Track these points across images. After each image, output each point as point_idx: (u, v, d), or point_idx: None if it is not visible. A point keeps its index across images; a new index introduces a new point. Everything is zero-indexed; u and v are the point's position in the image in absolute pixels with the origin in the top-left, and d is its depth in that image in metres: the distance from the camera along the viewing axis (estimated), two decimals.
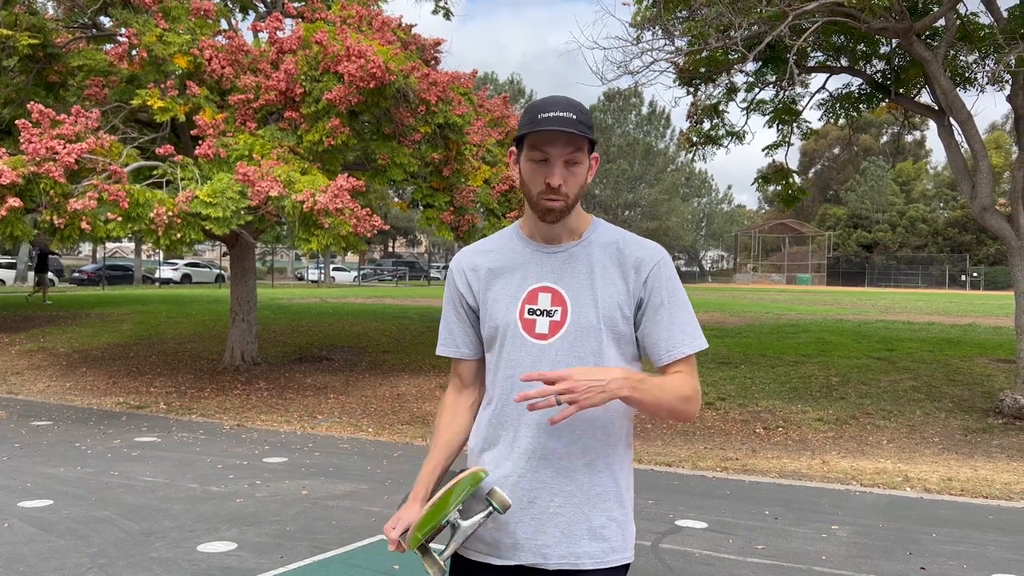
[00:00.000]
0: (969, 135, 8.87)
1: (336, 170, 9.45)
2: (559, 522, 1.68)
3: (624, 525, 1.73)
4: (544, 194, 1.67)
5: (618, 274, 1.72)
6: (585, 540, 1.68)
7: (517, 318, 1.72)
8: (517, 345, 1.72)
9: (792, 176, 11.91)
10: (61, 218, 7.92)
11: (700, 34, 9.09)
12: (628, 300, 1.71)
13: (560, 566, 1.68)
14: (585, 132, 1.63)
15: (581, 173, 1.69)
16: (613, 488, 1.73)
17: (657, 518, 5.31)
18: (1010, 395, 8.55)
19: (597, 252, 1.74)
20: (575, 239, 1.75)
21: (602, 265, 1.73)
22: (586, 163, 1.70)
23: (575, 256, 1.74)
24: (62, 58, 10.23)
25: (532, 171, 1.67)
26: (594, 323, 1.69)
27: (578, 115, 1.63)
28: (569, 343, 1.69)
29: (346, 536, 4.79)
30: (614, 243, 1.75)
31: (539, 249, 1.76)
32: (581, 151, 1.66)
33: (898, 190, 62.19)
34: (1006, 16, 8.57)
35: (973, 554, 4.68)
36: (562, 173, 1.65)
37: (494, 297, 1.76)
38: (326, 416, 9.17)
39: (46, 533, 4.75)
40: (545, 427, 1.68)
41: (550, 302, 1.71)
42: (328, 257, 44.20)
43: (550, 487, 1.68)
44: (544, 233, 1.75)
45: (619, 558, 1.71)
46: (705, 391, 9.83)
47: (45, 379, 11.32)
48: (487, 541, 1.72)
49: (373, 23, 10.13)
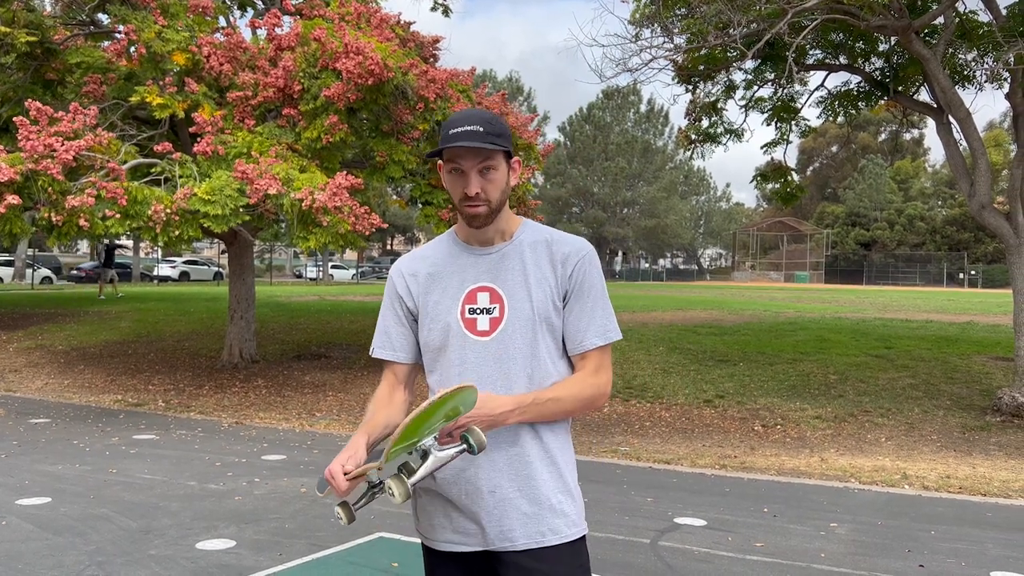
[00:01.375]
0: (968, 133, 8.87)
1: (335, 167, 9.44)
2: (520, 505, 1.79)
3: (577, 499, 1.87)
4: (463, 202, 1.79)
5: (549, 269, 1.84)
6: (547, 518, 1.80)
7: (459, 317, 1.84)
8: (461, 343, 1.83)
9: (790, 174, 11.91)
10: (59, 215, 7.90)
11: (699, 32, 9.08)
12: (558, 292, 1.84)
13: (527, 546, 1.79)
14: (491, 143, 1.73)
15: (499, 179, 1.79)
16: (563, 467, 1.85)
17: (656, 516, 5.31)
18: (1008, 393, 8.56)
19: (528, 251, 1.86)
20: (507, 240, 1.88)
21: (534, 262, 1.85)
22: (503, 168, 1.80)
23: (507, 256, 1.86)
24: (60, 55, 10.21)
25: (451, 182, 1.81)
26: (530, 317, 1.81)
27: (485, 127, 1.74)
28: (508, 337, 1.81)
29: (344, 534, 4.79)
30: (543, 241, 1.87)
31: (474, 252, 1.88)
32: (493, 159, 1.77)
33: (896, 188, 62.24)
34: (1005, 14, 8.57)
35: (971, 551, 4.69)
36: (478, 181, 1.77)
37: (435, 300, 1.87)
38: (324, 414, 9.17)
39: (44, 531, 4.74)
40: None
41: (488, 300, 1.84)
42: (327, 255, 44.20)
43: (506, 474, 1.79)
44: (477, 236, 1.87)
45: (578, 531, 1.84)
46: (704, 388, 9.83)
47: (43, 377, 11.30)
48: (456, 531, 1.82)
49: (371, 20, 10.12)
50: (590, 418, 8.82)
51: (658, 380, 10.30)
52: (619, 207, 62.74)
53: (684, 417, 8.95)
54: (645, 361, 11.16)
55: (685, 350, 11.90)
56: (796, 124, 11.39)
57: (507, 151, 1.79)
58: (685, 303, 22.74)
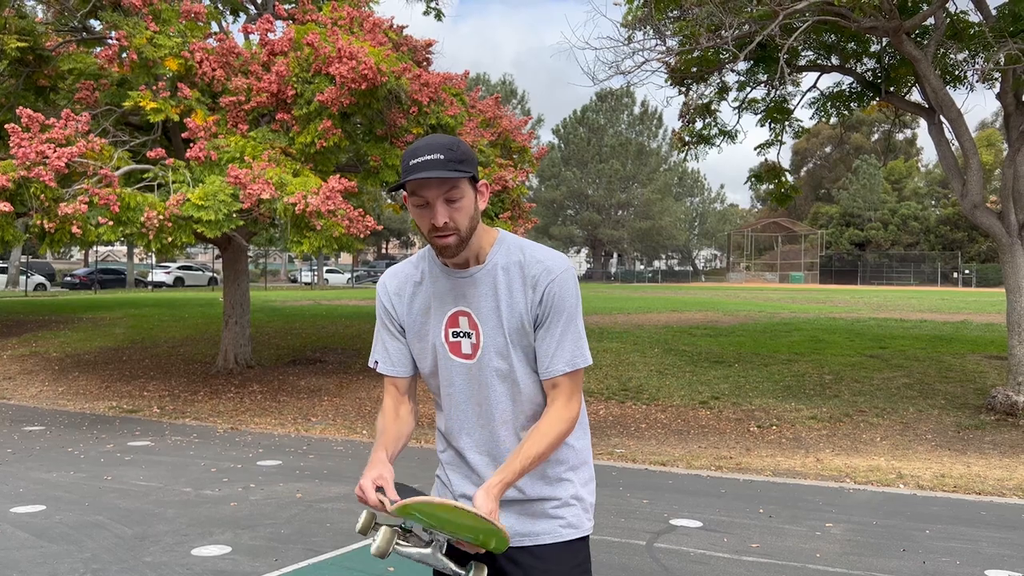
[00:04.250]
0: (959, 133, 8.90)
1: (328, 172, 9.44)
2: (514, 506, 1.82)
3: (584, 499, 1.87)
4: (432, 233, 1.74)
5: (520, 293, 1.80)
6: (548, 515, 1.82)
7: (443, 340, 1.84)
8: (447, 365, 1.85)
9: (784, 175, 11.93)
10: (52, 222, 7.88)
11: (691, 34, 9.10)
12: (528, 318, 1.79)
13: (521, 543, 1.81)
14: (454, 170, 1.67)
15: (466, 205, 1.73)
16: (569, 465, 1.86)
17: (652, 517, 5.31)
18: (1002, 391, 8.59)
19: (501, 275, 1.81)
20: (480, 263, 1.82)
21: (506, 286, 1.80)
22: (470, 194, 1.74)
23: (479, 281, 1.81)
24: (52, 61, 10.19)
25: (418, 215, 1.75)
26: (503, 344, 1.80)
27: (447, 154, 1.68)
28: (488, 362, 1.81)
29: (340, 539, 4.78)
30: (516, 263, 1.81)
31: (451, 274, 1.84)
32: (458, 187, 1.71)
33: (890, 188, 62.41)
34: (995, 14, 8.60)
35: (967, 550, 4.70)
36: (444, 211, 1.71)
37: (421, 320, 1.87)
38: (320, 419, 9.15)
39: (39, 539, 4.72)
40: (491, 426, 1.84)
41: (468, 324, 1.82)
42: (321, 259, 44.13)
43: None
44: (453, 261, 1.82)
45: (578, 531, 1.84)
46: (699, 390, 9.84)
47: (37, 384, 11.26)
48: None
49: (364, 24, 10.12)
50: None
51: (654, 382, 10.31)
52: (614, 209, 62.77)
53: (680, 418, 8.96)
54: (640, 363, 11.16)
55: (680, 351, 11.91)
56: (789, 125, 11.41)
57: (472, 176, 1.73)
58: (680, 304, 22.76)
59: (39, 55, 10.13)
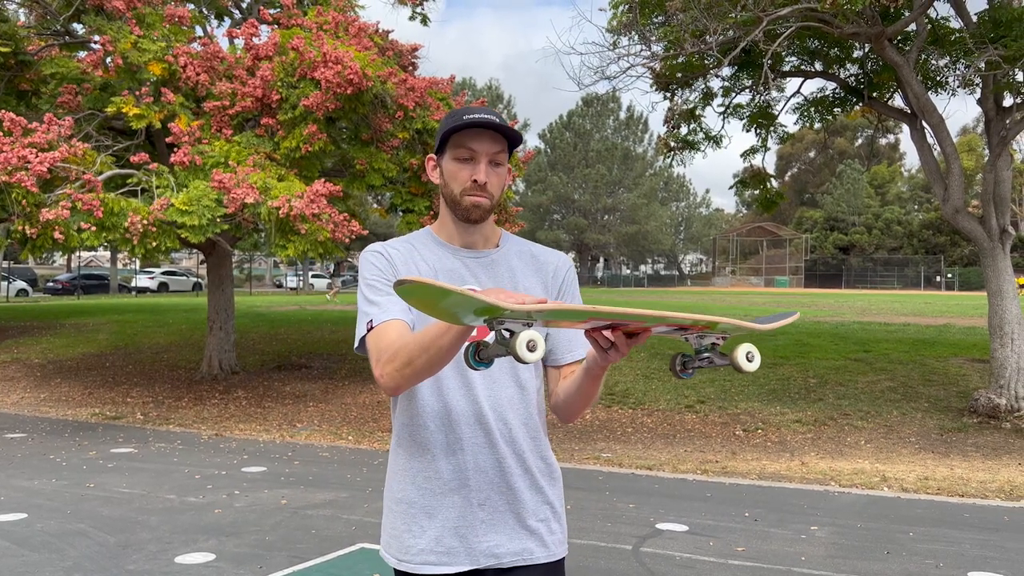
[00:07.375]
0: (941, 138, 8.99)
1: (314, 176, 9.40)
2: (507, 519, 1.74)
3: (560, 516, 1.84)
4: (469, 191, 1.70)
5: (536, 279, 1.82)
6: (534, 535, 1.75)
7: None
8: None
9: (769, 180, 11.99)
10: (34, 228, 7.81)
11: (676, 39, 9.14)
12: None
13: (514, 563, 1.73)
14: (508, 131, 1.68)
15: (503, 175, 1.74)
16: (547, 482, 1.81)
17: (638, 522, 5.32)
18: (984, 394, 8.66)
19: (515, 259, 1.82)
20: (492, 247, 1.82)
21: (522, 271, 1.82)
22: (506, 166, 1.75)
23: (496, 262, 1.80)
24: (34, 65, 10.11)
25: (458, 169, 1.71)
26: None
27: (499, 119, 1.69)
28: None
29: (326, 545, 4.75)
30: (527, 251, 1.85)
31: (461, 254, 1.78)
32: (504, 152, 1.72)
33: (873, 192, 62.90)
34: (975, 20, 8.70)
35: (950, 552, 4.73)
36: (487, 171, 1.70)
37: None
38: (305, 424, 9.11)
39: (20, 547, 4.67)
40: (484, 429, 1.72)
41: None
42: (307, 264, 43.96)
43: (498, 487, 1.73)
44: (463, 239, 1.78)
45: (563, 550, 1.81)
46: (685, 394, 9.87)
47: (19, 390, 11.15)
48: (438, 550, 1.72)
49: (350, 29, 10.10)
50: (572, 425, 8.82)
51: (640, 386, 10.33)
52: (600, 214, 62.92)
53: (666, 423, 8.98)
54: (627, 367, 11.18)
55: (666, 356, 11.94)
56: (774, 130, 11.47)
57: (511, 148, 1.74)
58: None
59: (21, 59, 10.05)
